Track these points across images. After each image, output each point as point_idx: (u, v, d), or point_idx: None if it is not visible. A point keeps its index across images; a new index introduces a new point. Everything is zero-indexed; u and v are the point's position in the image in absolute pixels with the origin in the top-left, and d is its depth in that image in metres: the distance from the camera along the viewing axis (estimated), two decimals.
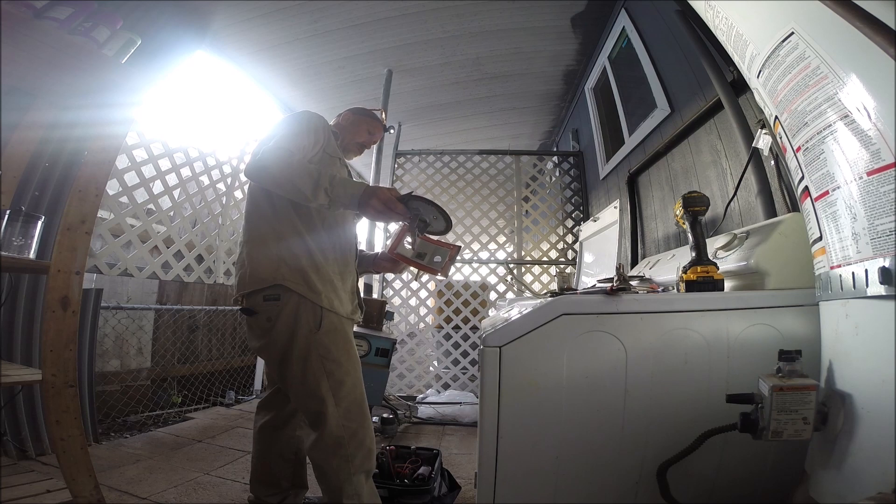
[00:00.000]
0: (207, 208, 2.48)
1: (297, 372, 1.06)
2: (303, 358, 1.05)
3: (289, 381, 1.08)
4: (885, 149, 0.51)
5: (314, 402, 1.06)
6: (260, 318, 1.06)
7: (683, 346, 0.79)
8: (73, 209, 1.19)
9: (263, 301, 1.06)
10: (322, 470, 1.06)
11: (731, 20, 0.81)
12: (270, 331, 1.06)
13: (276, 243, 1.09)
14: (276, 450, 1.22)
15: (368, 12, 2.37)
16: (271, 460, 1.21)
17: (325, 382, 1.06)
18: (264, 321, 1.06)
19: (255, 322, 1.08)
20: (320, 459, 1.06)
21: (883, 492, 0.48)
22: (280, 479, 1.22)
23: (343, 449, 1.05)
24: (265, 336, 1.07)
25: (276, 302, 1.05)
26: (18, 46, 1.00)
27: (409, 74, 2.93)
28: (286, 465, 1.23)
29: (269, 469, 1.22)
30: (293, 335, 1.05)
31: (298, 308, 1.06)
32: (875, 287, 0.52)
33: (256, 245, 1.11)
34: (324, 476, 1.06)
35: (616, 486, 0.79)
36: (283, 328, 1.05)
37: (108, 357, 2.45)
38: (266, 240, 1.10)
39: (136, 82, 1.28)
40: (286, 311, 1.05)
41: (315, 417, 1.06)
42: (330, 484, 1.05)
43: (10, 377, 1.13)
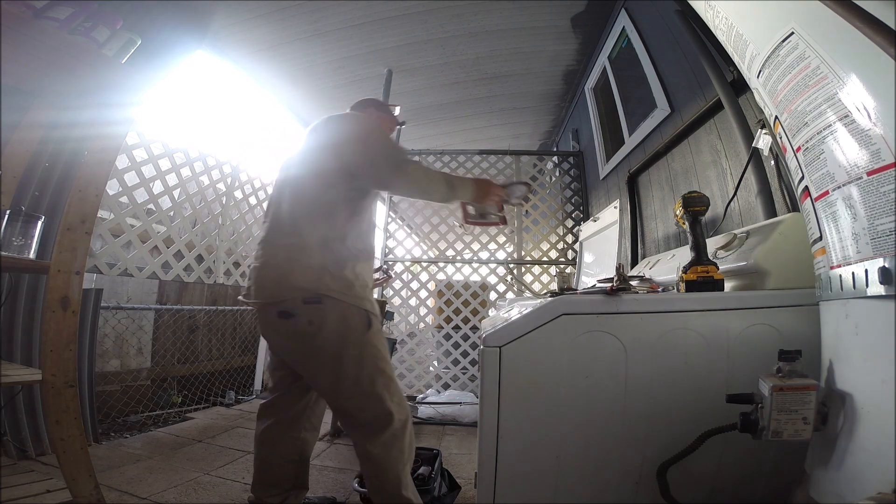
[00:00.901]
0: (207, 208, 2.48)
1: (352, 374, 1.04)
2: (357, 360, 1.04)
3: (339, 385, 1.05)
4: (885, 149, 0.51)
5: (372, 401, 1.06)
6: (299, 322, 1.01)
7: (683, 345, 0.79)
8: (73, 209, 1.19)
9: (303, 304, 1.01)
10: (381, 465, 1.06)
11: (731, 20, 0.81)
12: (315, 335, 1.01)
13: (319, 249, 1.04)
14: (280, 452, 1.20)
15: (368, 12, 2.37)
16: (275, 462, 1.19)
17: (380, 380, 1.07)
18: (305, 325, 1.01)
19: (293, 325, 1.01)
20: (381, 455, 1.06)
21: (883, 492, 0.48)
22: (283, 480, 1.20)
23: (399, 441, 1.08)
24: (308, 340, 1.02)
25: (319, 305, 1.01)
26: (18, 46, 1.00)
27: (409, 74, 2.93)
28: (290, 466, 1.21)
29: (273, 471, 1.19)
30: (345, 338, 1.03)
31: (344, 311, 1.04)
32: (875, 287, 0.52)
33: (296, 250, 1.04)
34: (382, 470, 1.06)
35: (616, 486, 0.79)
36: (331, 331, 1.02)
37: (108, 357, 2.45)
38: (307, 244, 1.04)
39: (136, 82, 1.28)
40: (332, 315, 1.02)
41: (373, 416, 1.06)
42: (388, 476, 1.06)
43: (10, 377, 1.13)
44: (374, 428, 1.07)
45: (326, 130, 1.16)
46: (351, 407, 1.09)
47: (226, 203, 2.61)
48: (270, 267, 1.06)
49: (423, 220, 3.16)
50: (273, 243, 1.09)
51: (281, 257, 1.05)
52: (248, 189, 2.80)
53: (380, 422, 1.07)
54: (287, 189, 1.14)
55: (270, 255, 1.08)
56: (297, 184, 1.12)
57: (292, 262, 1.03)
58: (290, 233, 1.06)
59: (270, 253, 1.08)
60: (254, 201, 2.84)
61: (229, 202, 2.63)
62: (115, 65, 1.22)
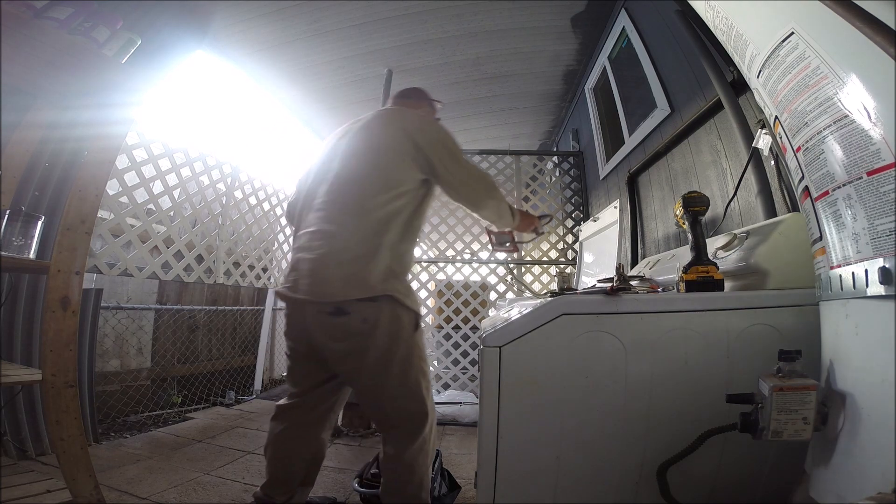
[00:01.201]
0: (207, 208, 2.48)
1: (399, 373, 1.04)
2: (405, 359, 1.05)
3: (384, 384, 1.05)
4: (885, 149, 0.51)
5: (414, 402, 1.07)
6: (353, 319, 1.00)
7: (683, 346, 0.79)
8: (73, 209, 1.19)
9: (358, 301, 1.00)
10: (410, 468, 1.06)
11: (731, 20, 0.81)
12: (369, 334, 1.01)
13: (388, 251, 1.05)
14: (301, 453, 1.18)
15: (368, 12, 2.37)
16: (293, 462, 1.17)
17: (423, 382, 1.09)
18: (359, 322, 1.01)
19: (346, 323, 1.01)
20: (411, 458, 1.06)
21: (883, 492, 0.48)
22: (295, 479, 1.18)
23: (428, 444, 1.10)
24: (359, 339, 1.01)
25: (374, 303, 1.01)
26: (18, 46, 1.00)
27: (409, 74, 2.93)
28: (304, 465, 1.20)
29: (288, 470, 1.17)
30: (396, 337, 1.03)
31: (396, 310, 1.04)
32: (875, 287, 0.52)
33: (365, 250, 1.03)
34: (409, 473, 1.06)
35: (616, 486, 0.79)
36: (384, 330, 1.02)
37: (108, 357, 2.45)
38: (377, 246, 1.04)
39: (136, 82, 1.28)
40: (385, 313, 1.02)
41: (411, 416, 1.07)
42: (413, 480, 1.07)
43: (10, 377, 1.13)
44: (411, 429, 1.07)
45: (401, 129, 1.13)
46: (392, 407, 1.08)
47: (226, 203, 2.60)
48: (334, 265, 1.03)
49: None
50: (335, 237, 1.05)
51: (347, 256, 1.03)
52: (248, 189, 2.80)
53: (416, 422, 1.07)
54: (346, 179, 1.10)
55: (333, 252, 1.04)
56: (360, 177, 1.09)
57: (361, 262, 1.02)
58: (356, 230, 1.04)
59: (332, 248, 1.04)
60: (254, 201, 2.84)
61: (229, 202, 2.63)
62: (115, 65, 1.22)
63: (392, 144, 1.11)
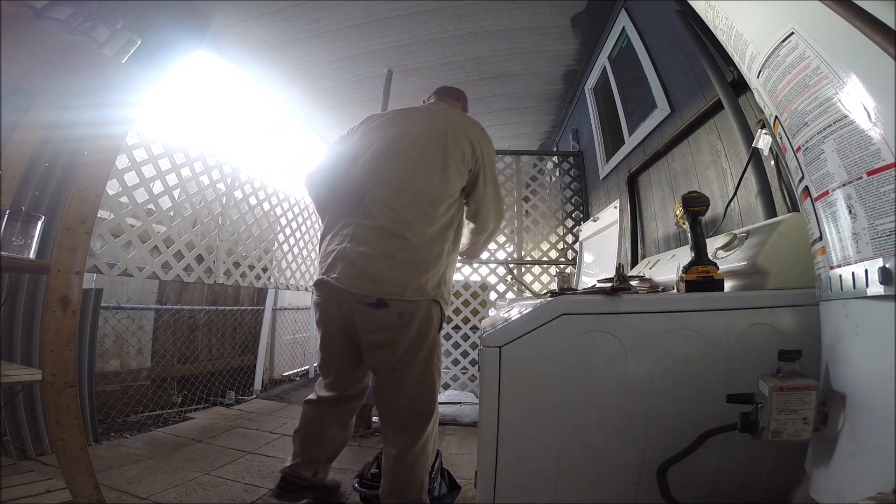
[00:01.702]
0: (207, 208, 2.48)
1: (420, 370, 1.08)
2: (428, 357, 1.10)
3: (404, 378, 1.08)
4: (885, 149, 0.51)
5: (427, 400, 1.10)
6: (391, 313, 1.05)
7: (683, 346, 0.79)
8: (73, 209, 1.19)
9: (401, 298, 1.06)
10: (412, 469, 1.08)
11: (731, 20, 0.81)
12: (403, 327, 1.06)
13: (444, 260, 1.13)
14: (333, 435, 1.26)
15: (368, 12, 2.37)
16: (324, 444, 1.25)
17: (438, 381, 1.13)
18: (395, 316, 1.05)
19: (384, 315, 1.05)
20: (415, 458, 1.08)
21: (883, 492, 0.48)
22: (322, 458, 1.26)
23: (428, 446, 1.12)
24: (393, 331, 1.06)
25: (413, 301, 1.07)
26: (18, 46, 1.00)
27: (409, 74, 2.93)
28: (334, 447, 1.28)
29: (319, 451, 1.25)
30: (425, 335, 1.09)
31: (431, 310, 1.10)
32: (875, 287, 0.52)
33: (430, 257, 1.10)
34: (410, 474, 1.08)
35: (616, 486, 0.79)
36: (416, 326, 1.07)
37: (108, 357, 2.45)
38: (439, 255, 1.12)
39: (136, 82, 1.28)
40: (421, 311, 1.08)
41: (421, 413, 1.09)
42: (415, 480, 1.09)
43: (10, 377, 1.13)
44: (417, 427, 1.10)
45: (467, 139, 1.17)
46: (405, 403, 1.10)
47: (226, 203, 2.60)
48: (399, 266, 1.07)
49: None
50: (405, 240, 1.08)
51: (414, 261, 1.08)
52: (248, 189, 2.79)
53: (423, 420, 1.10)
54: (412, 181, 1.12)
55: (401, 254, 1.07)
56: (428, 181, 1.12)
57: (423, 269, 1.08)
58: (425, 237, 1.09)
59: (400, 250, 1.07)
60: (254, 201, 2.84)
61: (229, 202, 2.62)
62: (115, 65, 1.22)
63: (458, 153, 1.15)
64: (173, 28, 2.09)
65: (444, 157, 1.13)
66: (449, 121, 1.20)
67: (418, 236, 1.08)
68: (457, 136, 1.16)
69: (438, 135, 1.16)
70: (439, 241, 1.12)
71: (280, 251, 3.14)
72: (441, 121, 1.19)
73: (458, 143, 1.15)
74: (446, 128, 1.17)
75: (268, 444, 2.04)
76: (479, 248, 1.35)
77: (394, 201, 1.10)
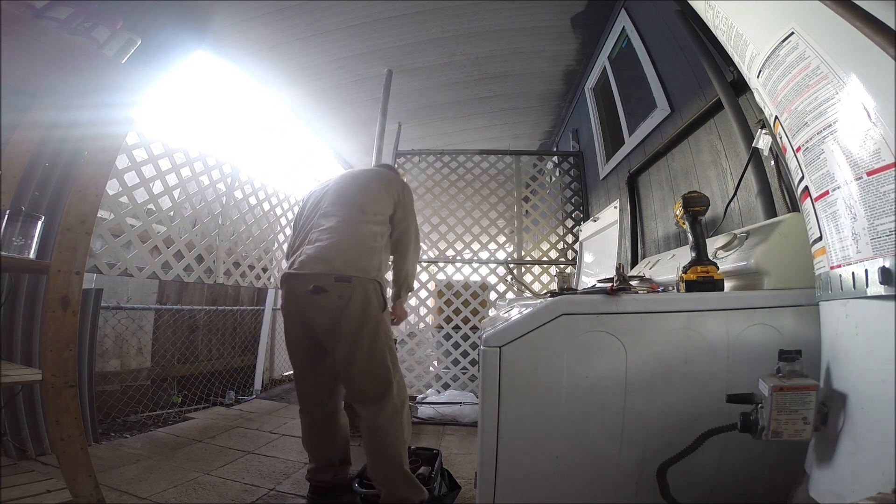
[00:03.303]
0: (207, 208, 2.48)
1: (367, 345, 1.24)
2: (373, 332, 1.25)
3: (354, 356, 1.23)
4: (885, 149, 0.51)
5: (380, 371, 1.25)
6: (331, 296, 1.23)
7: (683, 346, 0.79)
8: (73, 209, 1.19)
9: (335, 282, 1.24)
10: (385, 438, 1.21)
11: (731, 20, 0.81)
12: (344, 308, 1.23)
13: (382, 253, 1.38)
14: (329, 436, 1.40)
15: (368, 12, 2.37)
16: (327, 446, 1.40)
17: (389, 355, 1.29)
18: (336, 298, 1.23)
19: (325, 300, 1.23)
20: (385, 427, 1.22)
21: (883, 492, 0.48)
22: (335, 460, 1.41)
23: (399, 417, 1.25)
24: (335, 312, 1.23)
25: (348, 284, 1.24)
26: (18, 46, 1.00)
27: (409, 74, 2.93)
28: (337, 447, 1.42)
29: (326, 454, 1.40)
30: (367, 311, 1.25)
31: (367, 288, 1.27)
32: (875, 287, 0.52)
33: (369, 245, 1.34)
34: (385, 443, 1.22)
35: (616, 486, 0.79)
36: (357, 306, 1.24)
37: (108, 357, 2.45)
38: (376, 247, 1.36)
39: (136, 82, 1.28)
40: (358, 290, 1.25)
41: (383, 387, 1.25)
42: (390, 451, 1.21)
43: (10, 377, 1.13)
44: (377, 396, 1.24)
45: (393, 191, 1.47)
46: (361, 377, 1.26)
47: (226, 203, 2.60)
48: (335, 250, 1.30)
49: (422, 220, 3.15)
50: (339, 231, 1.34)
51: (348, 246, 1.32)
52: (248, 189, 2.79)
53: (381, 389, 1.25)
54: (346, 197, 1.44)
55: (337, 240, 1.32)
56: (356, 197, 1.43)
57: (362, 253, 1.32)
58: (354, 231, 1.35)
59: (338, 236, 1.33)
60: (254, 201, 2.84)
61: (229, 202, 2.63)
62: (115, 65, 1.22)
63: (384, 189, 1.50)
64: (173, 28, 2.09)
65: (375, 186, 1.46)
66: (377, 171, 1.58)
67: (359, 231, 1.34)
68: (382, 179, 1.51)
69: (370, 176, 1.52)
70: (375, 237, 1.36)
71: (280, 251, 3.14)
72: (372, 171, 1.58)
73: (384, 184, 1.48)
74: (377, 172, 1.56)
75: (268, 444, 2.04)
76: (399, 279, 1.53)
77: (339, 209, 1.40)
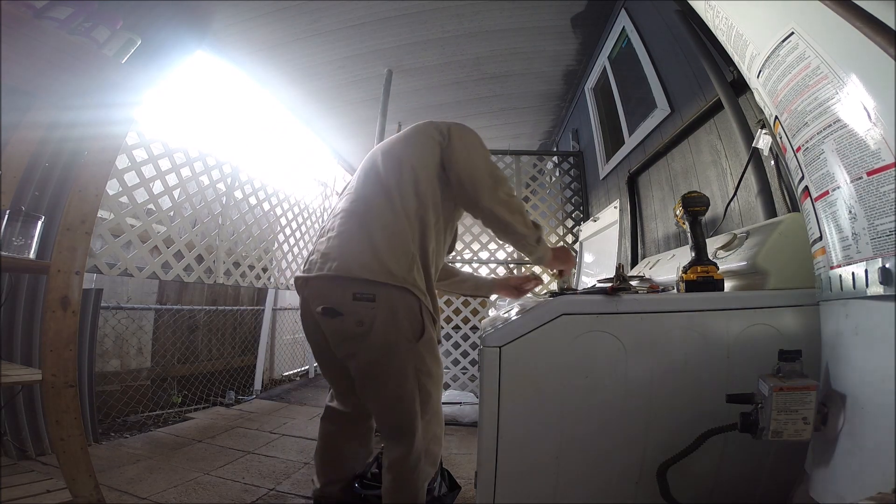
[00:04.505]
0: (207, 208, 2.48)
1: (393, 385, 0.97)
2: (400, 370, 0.96)
3: (375, 394, 0.99)
4: (885, 149, 0.51)
5: (403, 418, 0.99)
6: (347, 322, 0.93)
7: (683, 346, 0.79)
8: (73, 209, 1.19)
9: (353, 300, 0.91)
10: (401, 486, 0.99)
11: (731, 20, 0.81)
12: (363, 337, 0.93)
13: (418, 238, 0.98)
14: (355, 447, 1.18)
15: (368, 12, 2.37)
16: (348, 460, 1.18)
17: (417, 398, 0.98)
18: (354, 325, 0.93)
19: (339, 325, 0.94)
20: (405, 474, 0.99)
21: (883, 492, 0.48)
22: (351, 473, 1.19)
23: (421, 463, 1.01)
24: (352, 343, 0.95)
25: (370, 304, 0.91)
26: (18, 46, 1.00)
27: (409, 74, 2.93)
28: (359, 460, 1.21)
29: (344, 468, 1.17)
30: (395, 342, 0.94)
31: (395, 303, 0.93)
32: (875, 287, 0.52)
33: (390, 234, 0.95)
34: (400, 491, 0.99)
35: (616, 486, 0.79)
36: (381, 333, 0.93)
37: (108, 357, 2.45)
38: (403, 234, 0.96)
39: (136, 82, 1.28)
40: (382, 311, 0.92)
41: (401, 433, 0.99)
42: (405, 499, 1.00)
43: (10, 377, 1.13)
44: (399, 438, 1.01)
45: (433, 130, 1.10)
46: (382, 417, 1.04)
47: (226, 203, 2.60)
48: (344, 239, 1.00)
49: None
50: (352, 213, 1.03)
51: (360, 231, 0.99)
52: (248, 189, 2.79)
53: (400, 434, 1.01)
54: (376, 175, 1.07)
55: (348, 226, 1.01)
56: (386, 179, 1.05)
57: (378, 238, 0.97)
58: (367, 205, 1.02)
59: (349, 223, 1.01)
60: (254, 201, 2.84)
61: (229, 202, 2.63)
62: (115, 65, 1.22)
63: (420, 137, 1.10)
64: (173, 28, 2.09)
65: (408, 135, 1.09)
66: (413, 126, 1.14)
67: (387, 208, 0.97)
68: (419, 125, 1.11)
69: (403, 132, 1.13)
70: (406, 213, 0.96)
71: (280, 251, 3.14)
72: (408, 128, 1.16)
73: (420, 128, 1.09)
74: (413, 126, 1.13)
75: (268, 444, 2.04)
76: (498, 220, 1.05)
77: (361, 183, 1.05)
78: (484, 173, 1.03)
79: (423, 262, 0.99)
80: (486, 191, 1.01)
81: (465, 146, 1.05)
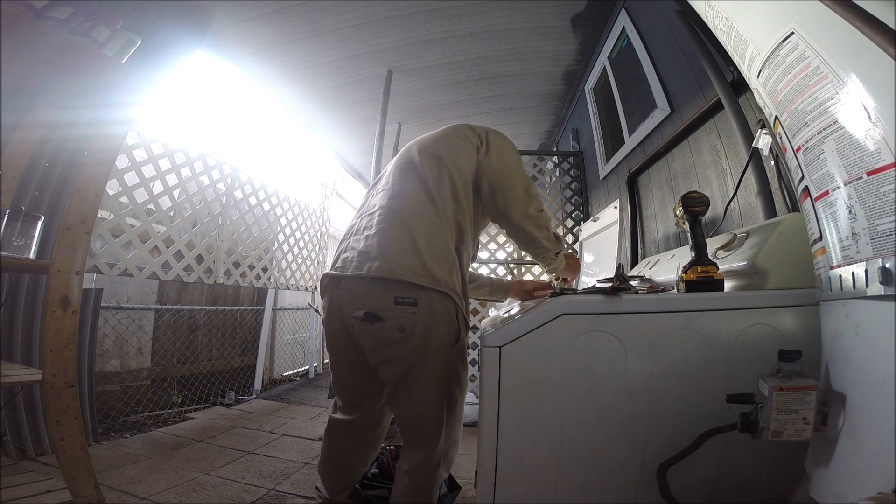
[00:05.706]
0: (207, 208, 2.48)
1: (422, 387, 0.95)
2: (433, 373, 0.94)
3: (406, 396, 0.97)
4: (885, 149, 0.51)
5: (431, 421, 0.97)
6: (388, 327, 0.91)
7: (683, 346, 0.79)
8: (73, 209, 1.19)
9: (395, 304, 0.89)
10: (415, 490, 0.97)
11: (731, 20, 0.81)
12: (405, 342, 0.92)
13: (454, 240, 0.97)
14: (363, 459, 1.17)
15: (368, 12, 2.37)
16: (354, 472, 1.16)
17: (444, 403, 0.97)
18: (395, 331, 0.91)
19: (380, 331, 0.92)
20: (418, 482, 0.97)
21: (883, 492, 0.48)
22: (356, 480, 1.17)
23: (439, 468, 0.99)
24: (393, 348, 0.93)
25: (413, 308, 0.89)
26: (18, 46, 1.00)
27: (409, 74, 2.93)
28: (365, 469, 1.19)
29: (351, 478, 1.15)
30: (430, 347, 0.92)
31: (435, 309, 0.92)
32: (875, 287, 0.52)
33: (433, 235, 0.93)
34: (414, 495, 0.98)
35: (616, 486, 0.79)
36: (420, 338, 0.91)
37: (108, 357, 2.45)
38: (445, 236, 0.94)
39: (136, 82, 1.28)
40: (423, 317, 0.91)
41: (424, 438, 0.97)
42: (418, 501, 0.98)
43: (10, 377, 1.13)
44: (418, 444, 1.00)
45: (470, 133, 1.09)
46: (407, 421, 1.02)
47: (226, 203, 2.61)
48: (384, 237, 0.98)
49: None
50: (389, 210, 1.00)
51: (400, 230, 0.97)
52: (248, 189, 2.80)
53: (423, 439, 1.00)
54: (417, 174, 1.05)
55: (387, 223, 0.98)
56: (426, 177, 1.03)
57: (420, 239, 0.96)
58: (407, 203, 1.00)
59: (388, 220, 0.99)
60: (254, 201, 2.84)
61: (229, 202, 2.63)
62: (115, 65, 1.22)
63: (455, 137, 1.10)
64: (173, 28, 2.09)
65: (443, 134, 1.07)
66: (449, 126, 1.12)
67: (429, 209, 0.95)
68: (455, 126, 1.10)
69: (440, 132, 1.11)
70: (446, 215, 0.95)
71: (280, 251, 3.14)
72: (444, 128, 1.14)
73: (457, 128, 1.08)
74: (449, 126, 1.12)
75: (268, 444, 2.04)
76: (528, 238, 1.05)
77: (398, 181, 1.02)
78: (519, 188, 1.01)
79: (460, 267, 0.98)
80: (518, 205, 1.00)
81: (502, 156, 1.03)
